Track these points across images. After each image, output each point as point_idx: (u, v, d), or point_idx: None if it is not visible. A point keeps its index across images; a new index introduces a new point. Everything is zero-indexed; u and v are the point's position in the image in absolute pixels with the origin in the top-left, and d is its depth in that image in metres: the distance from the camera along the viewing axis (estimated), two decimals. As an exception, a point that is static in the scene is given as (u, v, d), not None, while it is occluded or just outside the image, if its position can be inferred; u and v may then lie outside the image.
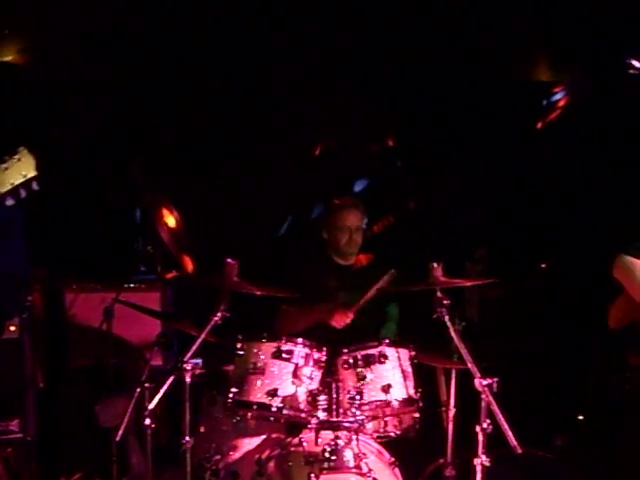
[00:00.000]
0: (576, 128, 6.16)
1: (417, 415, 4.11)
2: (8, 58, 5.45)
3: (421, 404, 4.06)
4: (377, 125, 6.01)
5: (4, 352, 4.43)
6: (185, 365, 3.61)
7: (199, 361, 5.64)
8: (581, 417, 5.60)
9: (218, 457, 4.06)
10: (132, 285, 5.11)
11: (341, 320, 4.42)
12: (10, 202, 2.38)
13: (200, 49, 5.59)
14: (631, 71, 6.04)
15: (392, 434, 4.14)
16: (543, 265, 5.94)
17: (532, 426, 5.20)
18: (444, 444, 4.45)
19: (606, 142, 5.93)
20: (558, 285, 5.81)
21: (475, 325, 5.61)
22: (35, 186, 2.39)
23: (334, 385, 3.87)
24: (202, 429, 4.19)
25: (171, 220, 4.88)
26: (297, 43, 5.72)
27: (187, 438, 3.71)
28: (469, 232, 5.95)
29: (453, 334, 3.75)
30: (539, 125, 6.39)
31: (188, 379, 3.65)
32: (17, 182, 2.36)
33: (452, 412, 4.48)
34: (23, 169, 2.38)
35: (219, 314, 3.76)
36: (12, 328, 4.54)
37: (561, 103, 6.43)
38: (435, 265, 3.81)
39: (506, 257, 5.81)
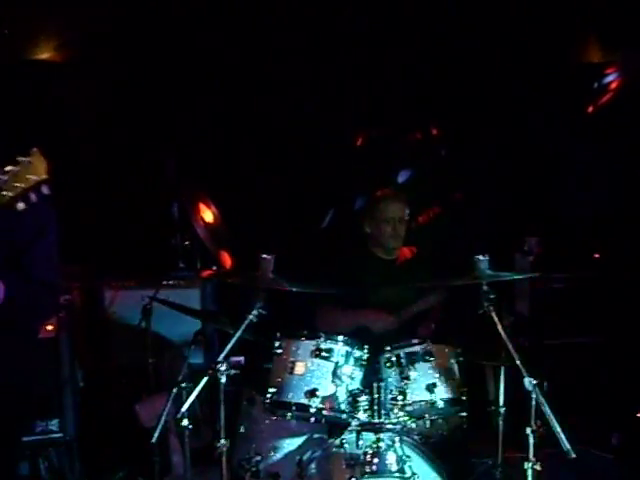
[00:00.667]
0: (629, 112, 5.89)
1: (464, 414, 3.96)
2: (44, 56, 5.41)
3: (467, 403, 3.90)
4: (421, 113, 5.81)
5: (42, 351, 4.35)
6: (219, 365, 3.47)
7: (241, 359, 5.58)
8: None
9: (258, 458, 3.95)
10: (171, 282, 5.02)
11: (383, 328, 4.34)
12: (21, 206, 2.25)
13: (235, 38, 5.47)
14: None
15: (438, 434, 4.00)
16: (596, 255, 5.69)
17: (588, 424, 5.09)
18: (494, 444, 4.25)
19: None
20: (613, 276, 5.56)
21: (525, 319, 5.44)
22: (45, 190, 2.25)
23: (376, 385, 3.69)
24: (242, 429, 4.09)
25: (208, 215, 4.76)
26: (338, 31, 5.56)
27: (222, 441, 3.59)
28: (519, 222, 5.72)
29: (501, 330, 3.55)
30: (590, 109, 6.13)
31: (223, 379, 3.51)
32: (27, 186, 2.23)
33: (502, 411, 4.27)
34: (33, 172, 2.25)
35: (255, 312, 3.62)
36: (49, 327, 4.49)
37: (613, 85, 6.17)
38: (480, 258, 3.61)
39: (558, 248, 5.57)
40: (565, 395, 5.21)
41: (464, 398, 3.90)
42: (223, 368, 3.47)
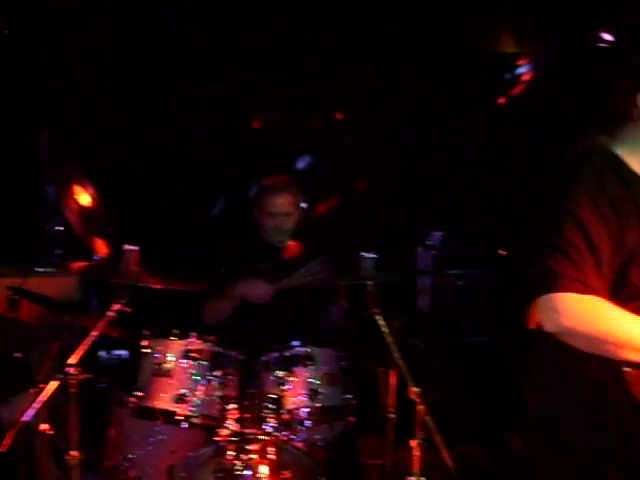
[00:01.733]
0: (541, 104, 5.73)
1: (352, 419, 3.75)
2: None
3: (356, 408, 3.69)
4: (324, 96, 5.52)
5: None
6: (69, 369, 3.11)
7: (124, 353, 5.22)
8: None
9: (127, 465, 3.65)
10: (42, 270, 4.60)
11: (261, 294, 4.08)
12: None
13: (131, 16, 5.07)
14: (601, 44, 5.62)
15: (323, 441, 3.74)
16: (503, 252, 5.52)
17: (486, 424, 4.95)
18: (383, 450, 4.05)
19: (572, 119, 5.51)
20: (518, 273, 5.39)
21: (426, 316, 5.25)
22: None
23: (251, 390, 3.41)
24: (112, 433, 3.77)
25: (84, 198, 4.36)
26: (235, 11, 5.22)
27: (73, 452, 3.24)
28: (422, 215, 5.50)
29: (386, 333, 3.30)
30: (502, 100, 5.96)
31: (72, 387, 3.16)
32: None
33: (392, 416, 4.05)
34: None
35: (115, 308, 3.28)
36: None
37: (525, 77, 6.01)
38: (365, 255, 3.35)
39: (462, 243, 5.38)
40: (465, 394, 5.13)
41: (351, 403, 3.69)
42: (73, 372, 3.10)
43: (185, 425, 3.46)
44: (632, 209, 2.38)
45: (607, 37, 5.61)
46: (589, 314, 2.29)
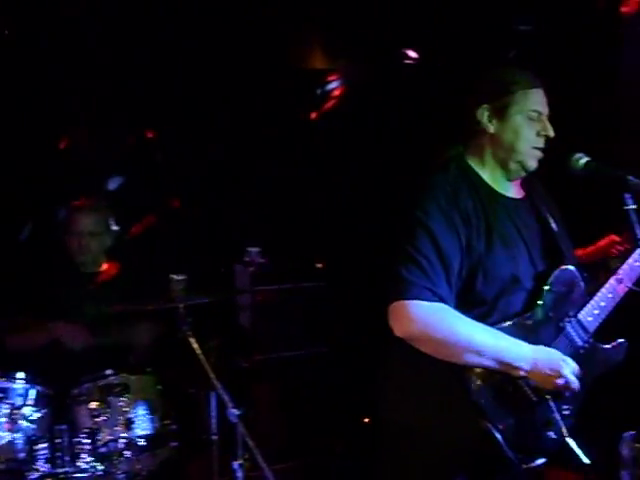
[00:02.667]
0: (351, 119, 5.86)
1: (175, 444, 3.68)
2: None
3: (178, 432, 3.65)
4: (134, 114, 5.36)
5: None
6: None
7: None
8: (367, 420, 5.33)
9: None
10: None
11: (82, 342, 3.88)
12: None
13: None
14: (406, 61, 5.83)
15: (146, 470, 3.62)
16: (319, 265, 5.59)
17: (315, 434, 4.98)
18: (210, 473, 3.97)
19: (382, 132, 5.68)
20: (337, 286, 5.49)
21: (248, 333, 5.21)
22: None
23: (59, 428, 3.23)
24: None
25: None
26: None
27: None
28: (240, 231, 5.46)
29: (200, 356, 3.24)
30: (313, 115, 6.04)
31: None
32: None
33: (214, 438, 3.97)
34: None
35: None
36: None
37: (336, 92, 6.13)
38: (176, 277, 3.27)
39: (280, 257, 5.38)
40: (294, 406, 5.13)
41: (172, 429, 3.64)
42: None
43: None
44: (481, 219, 2.51)
45: (412, 54, 5.84)
46: (435, 321, 2.39)
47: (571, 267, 2.64)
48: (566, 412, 2.55)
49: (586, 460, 2.44)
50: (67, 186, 4.99)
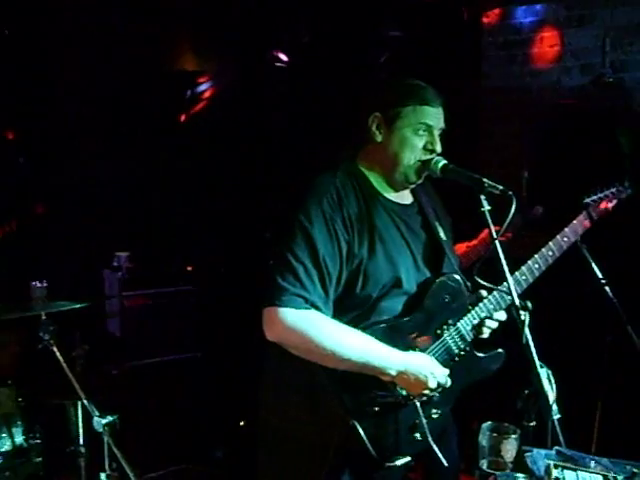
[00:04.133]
0: (222, 121, 5.83)
1: (38, 460, 3.60)
2: None
3: (40, 448, 3.55)
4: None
5: None
6: None
7: None
8: (242, 423, 5.31)
9: None
10: None
11: None
12: None
13: None
14: (277, 64, 5.86)
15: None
16: (189, 268, 5.53)
17: (190, 441, 4.91)
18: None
19: (253, 135, 5.69)
20: (206, 289, 5.45)
21: (118, 340, 5.10)
22: None
23: None
24: None
25: None
26: None
27: None
28: (108, 237, 5.33)
29: (63, 364, 3.13)
30: (183, 117, 5.98)
31: None
32: None
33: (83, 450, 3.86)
34: None
35: None
36: None
37: (207, 94, 6.08)
38: (37, 285, 3.15)
39: (149, 262, 5.30)
40: (167, 413, 5.04)
41: (34, 443, 3.55)
42: None
43: None
44: (365, 223, 2.53)
45: (282, 57, 5.87)
46: (304, 328, 2.41)
47: (455, 275, 2.68)
48: (435, 415, 2.61)
49: (446, 464, 2.51)
50: None
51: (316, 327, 2.42)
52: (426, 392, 2.53)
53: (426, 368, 2.52)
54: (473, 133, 5.19)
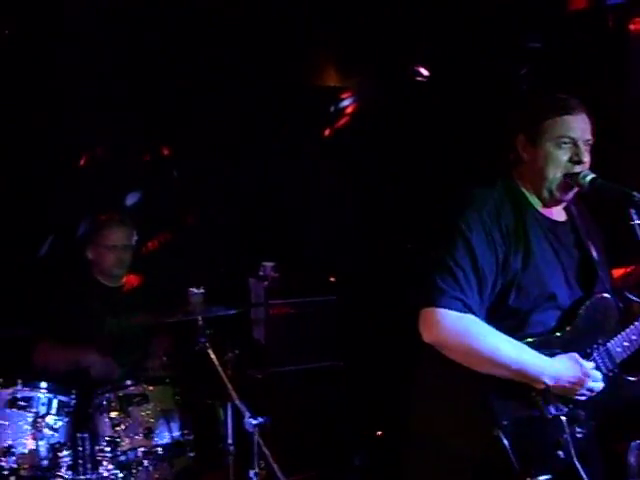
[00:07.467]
0: (364, 135, 5.94)
1: (192, 454, 3.76)
2: None
3: (195, 442, 3.73)
4: (150, 132, 5.47)
5: None
6: None
7: None
8: (379, 433, 5.38)
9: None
10: None
11: (104, 372, 3.92)
12: None
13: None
14: (418, 78, 5.92)
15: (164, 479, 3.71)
16: (332, 279, 5.65)
17: (331, 447, 5.02)
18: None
19: (394, 149, 5.76)
20: (348, 299, 5.55)
21: (262, 347, 5.27)
22: None
23: (81, 435, 3.31)
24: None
25: None
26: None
27: None
28: (254, 247, 5.54)
29: (218, 367, 3.32)
30: (327, 132, 6.13)
31: None
32: None
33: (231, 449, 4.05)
34: None
35: None
36: None
37: (349, 109, 6.21)
38: (194, 291, 3.36)
39: (294, 273, 5.46)
40: (308, 418, 5.18)
41: (189, 439, 3.71)
42: None
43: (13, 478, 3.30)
44: (521, 238, 2.59)
45: (423, 71, 5.93)
46: (462, 331, 2.48)
47: (608, 295, 2.68)
48: (579, 435, 2.59)
49: None
50: (87, 201, 5.08)
51: (475, 330, 2.48)
52: (582, 391, 2.53)
53: (577, 372, 2.53)
54: (618, 145, 5.07)
